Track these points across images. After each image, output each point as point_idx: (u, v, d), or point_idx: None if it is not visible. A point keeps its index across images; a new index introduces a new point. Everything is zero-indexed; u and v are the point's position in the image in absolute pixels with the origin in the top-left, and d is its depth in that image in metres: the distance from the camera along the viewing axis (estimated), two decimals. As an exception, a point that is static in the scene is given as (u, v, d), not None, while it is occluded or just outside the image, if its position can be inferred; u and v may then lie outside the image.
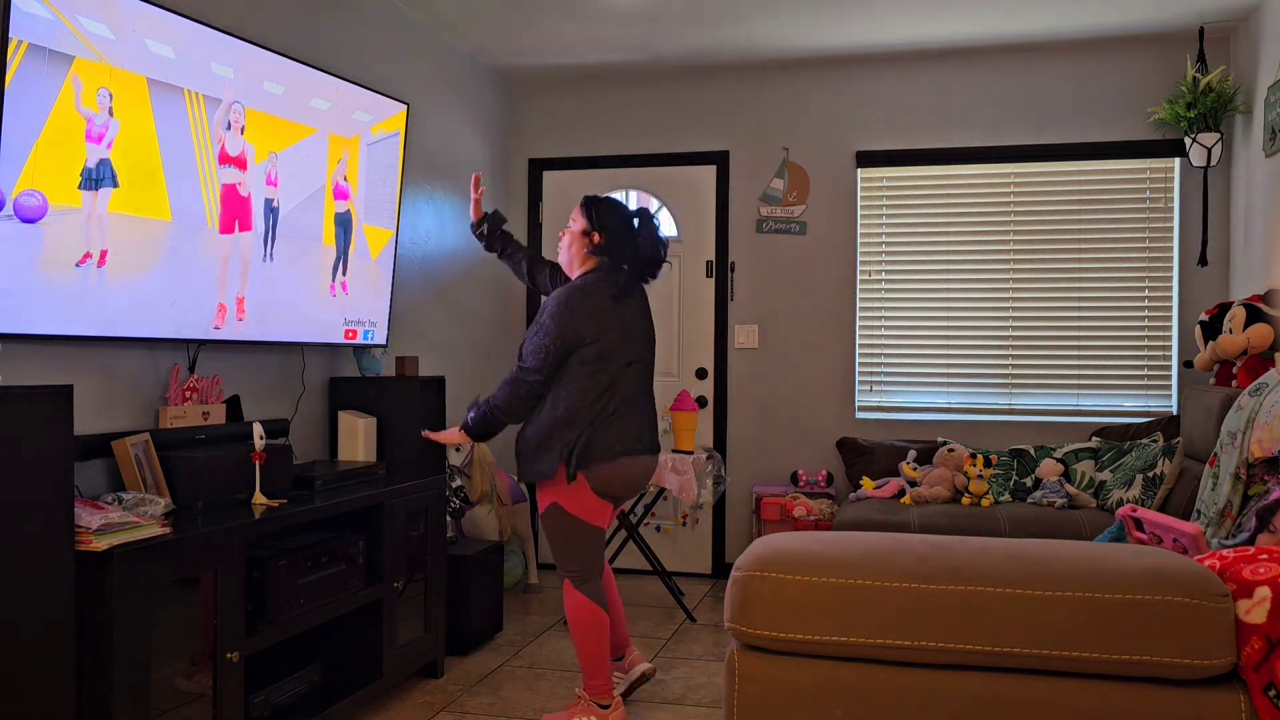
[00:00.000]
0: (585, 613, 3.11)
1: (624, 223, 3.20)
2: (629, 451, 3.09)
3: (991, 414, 5.04)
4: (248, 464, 2.94)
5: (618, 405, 3.09)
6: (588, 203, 3.22)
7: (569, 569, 3.14)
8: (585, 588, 3.13)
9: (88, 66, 2.58)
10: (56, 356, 2.71)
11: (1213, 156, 4.50)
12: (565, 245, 3.25)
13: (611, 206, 3.21)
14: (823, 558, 1.76)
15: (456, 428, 3.26)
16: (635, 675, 3.37)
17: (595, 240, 3.18)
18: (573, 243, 3.23)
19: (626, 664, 3.39)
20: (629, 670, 3.38)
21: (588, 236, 3.19)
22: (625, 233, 3.19)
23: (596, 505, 3.11)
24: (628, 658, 3.40)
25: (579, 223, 3.22)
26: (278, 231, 3.32)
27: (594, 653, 3.12)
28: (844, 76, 5.20)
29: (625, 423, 3.10)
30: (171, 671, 2.44)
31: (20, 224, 2.45)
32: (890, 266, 5.17)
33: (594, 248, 3.18)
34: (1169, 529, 2.21)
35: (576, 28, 4.70)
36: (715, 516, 5.37)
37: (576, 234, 3.22)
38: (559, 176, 5.58)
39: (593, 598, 3.13)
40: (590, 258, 3.20)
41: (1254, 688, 1.59)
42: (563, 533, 3.11)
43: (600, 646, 3.13)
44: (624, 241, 3.19)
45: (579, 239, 3.21)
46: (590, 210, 3.20)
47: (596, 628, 3.12)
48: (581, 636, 3.12)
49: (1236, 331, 3.90)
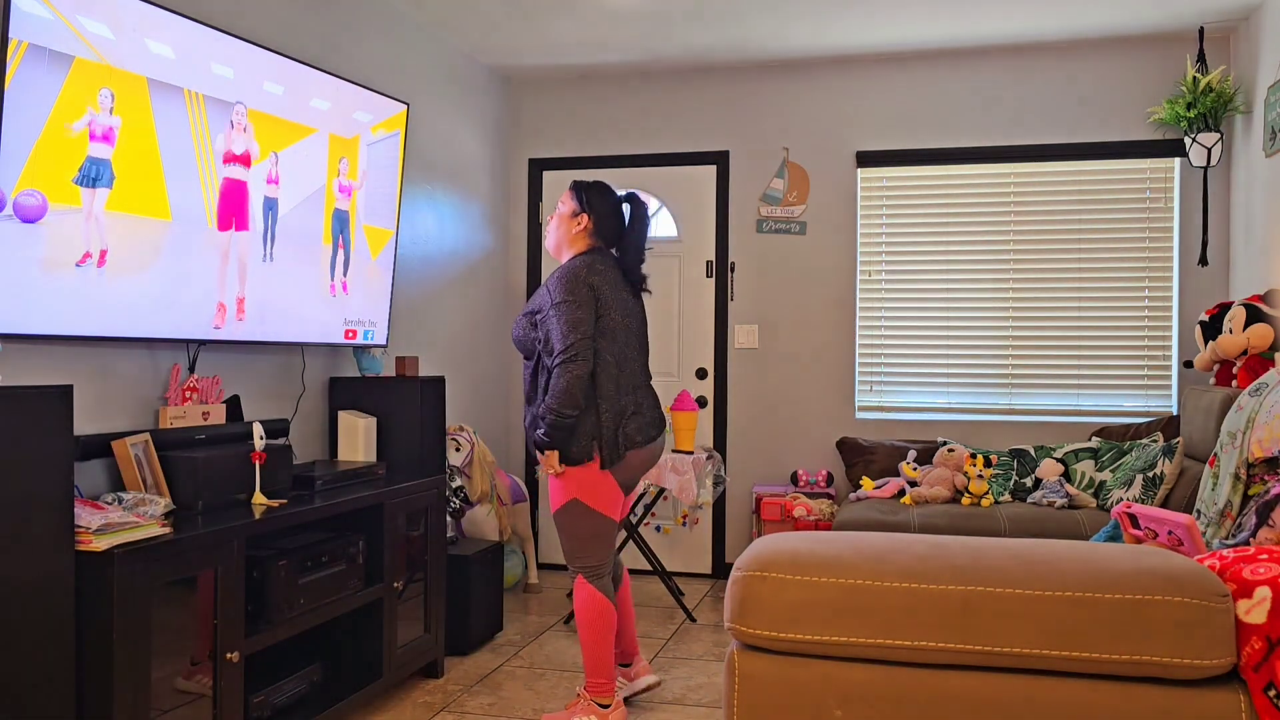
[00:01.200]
0: (597, 608, 3.12)
1: (613, 206, 3.23)
2: (649, 438, 3.17)
3: (991, 414, 5.04)
4: (248, 464, 2.94)
5: (633, 386, 3.14)
6: (577, 186, 3.24)
7: (584, 564, 3.14)
8: (598, 583, 3.14)
9: (88, 66, 2.58)
10: (56, 356, 2.71)
11: (1213, 156, 4.50)
12: (553, 228, 3.27)
13: (600, 189, 3.24)
14: (823, 558, 1.76)
15: (545, 456, 3.09)
16: (640, 686, 3.37)
17: (584, 223, 3.20)
18: (560, 224, 3.24)
19: (633, 673, 3.39)
20: (634, 680, 3.38)
21: (576, 219, 3.21)
22: (614, 216, 3.22)
23: (616, 496, 3.14)
24: (635, 666, 3.40)
25: (568, 205, 3.23)
26: (277, 231, 3.32)
27: (599, 650, 3.12)
28: (844, 76, 5.20)
29: (641, 406, 3.16)
30: (171, 671, 2.44)
31: (20, 224, 2.45)
32: (890, 266, 5.17)
33: (582, 230, 3.20)
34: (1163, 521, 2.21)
35: (576, 28, 4.70)
36: (715, 516, 5.37)
37: (565, 215, 3.23)
38: (559, 176, 5.58)
39: (605, 593, 3.14)
40: (579, 240, 3.22)
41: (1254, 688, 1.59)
42: (581, 528, 3.12)
43: (606, 644, 3.13)
44: (613, 225, 3.22)
45: (567, 220, 3.22)
46: (581, 194, 3.22)
47: (606, 625, 3.12)
48: (589, 633, 3.12)
49: (1236, 331, 3.90)
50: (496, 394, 5.45)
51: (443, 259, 4.83)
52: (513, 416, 5.62)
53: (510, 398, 5.61)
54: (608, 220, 3.21)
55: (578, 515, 3.11)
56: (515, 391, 5.62)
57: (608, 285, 3.11)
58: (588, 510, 3.10)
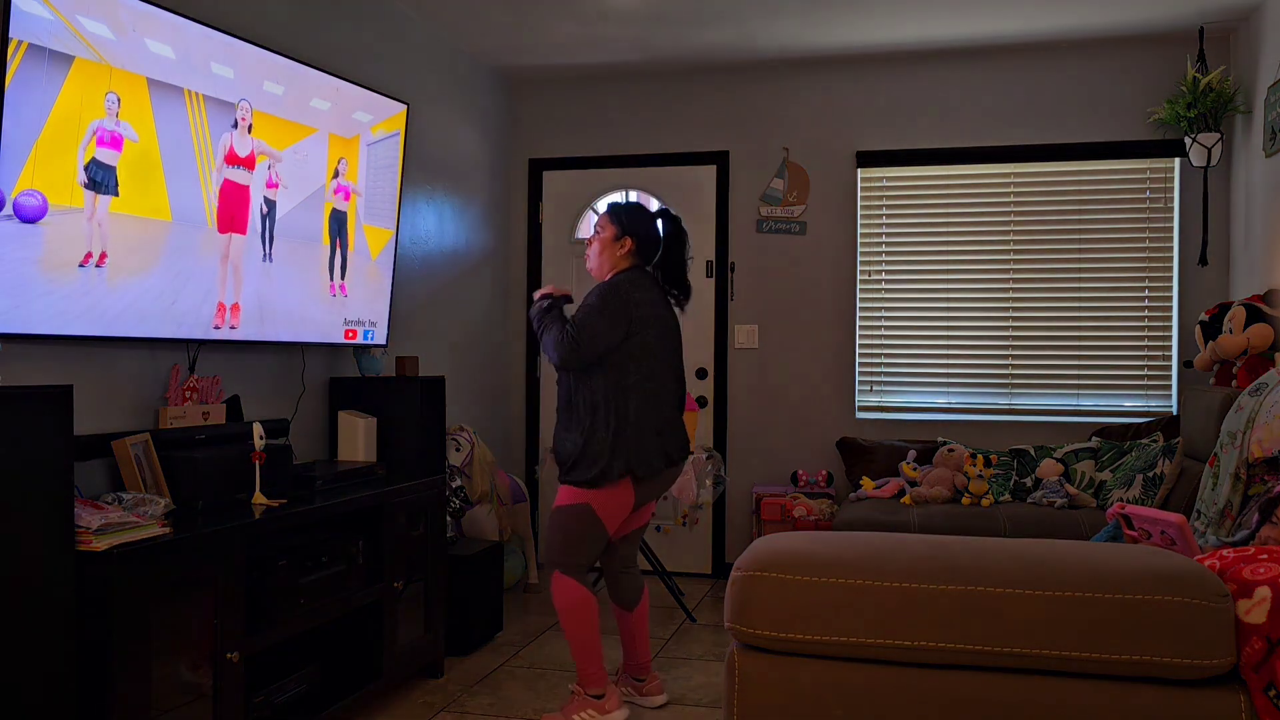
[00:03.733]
0: (575, 597, 3.16)
1: (651, 226, 3.30)
2: (671, 462, 3.23)
3: (991, 414, 5.04)
4: (248, 464, 2.94)
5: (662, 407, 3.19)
6: (613, 209, 3.31)
7: (567, 561, 3.18)
8: (575, 574, 3.18)
9: (88, 66, 2.58)
10: (56, 356, 2.71)
11: (1213, 156, 4.50)
12: (595, 253, 3.32)
13: (637, 211, 3.31)
14: (823, 558, 1.76)
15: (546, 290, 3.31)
16: (648, 705, 3.39)
17: (628, 246, 3.26)
18: (604, 249, 3.29)
19: (644, 689, 3.40)
20: (644, 695, 3.39)
21: (619, 243, 3.27)
22: (653, 235, 3.30)
23: (624, 509, 3.18)
24: (649, 682, 3.41)
25: (607, 229, 3.29)
26: (277, 231, 3.32)
27: (584, 637, 3.16)
28: (844, 76, 5.20)
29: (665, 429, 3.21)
30: (172, 671, 2.43)
31: (20, 224, 2.45)
32: (890, 266, 5.17)
33: (626, 252, 3.27)
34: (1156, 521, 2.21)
35: (576, 28, 4.70)
36: (715, 516, 5.37)
37: (607, 240, 3.29)
38: (559, 176, 5.58)
39: (582, 582, 3.18)
40: (623, 262, 3.28)
41: (1254, 688, 1.59)
42: (579, 531, 3.15)
43: (590, 631, 3.17)
44: (653, 244, 3.30)
45: (610, 245, 3.29)
46: (619, 217, 3.28)
47: (585, 612, 3.16)
48: (571, 621, 3.16)
49: (1236, 331, 3.90)
50: (496, 394, 5.45)
51: (443, 259, 4.83)
52: (513, 416, 5.62)
53: (510, 398, 5.61)
54: (648, 239, 3.29)
55: (582, 518, 3.14)
56: (515, 392, 5.62)
57: (647, 304, 3.18)
58: (594, 518, 3.15)
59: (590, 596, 3.18)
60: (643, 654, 3.39)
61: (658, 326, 3.21)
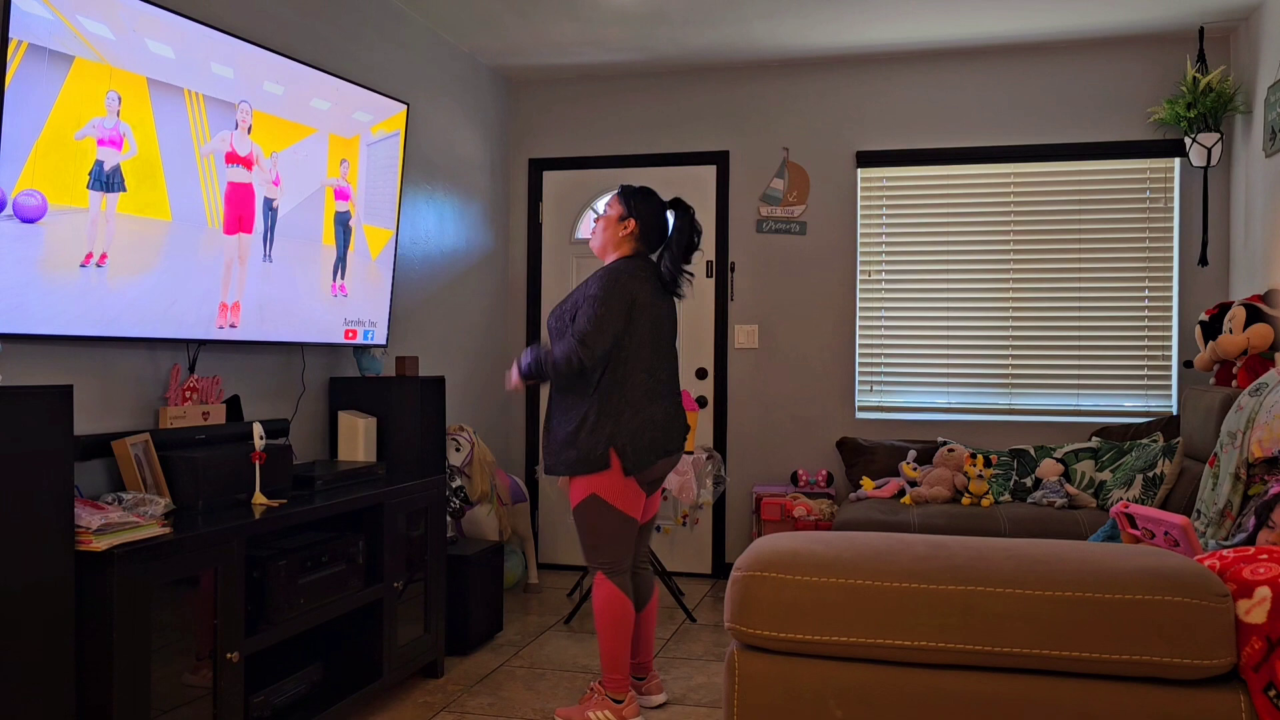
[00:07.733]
0: (616, 606, 3.15)
1: (657, 213, 3.30)
2: (669, 451, 3.21)
3: (991, 414, 5.04)
4: (248, 464, 2.94)
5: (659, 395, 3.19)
6: (624, 191, 3.32)
7: (602, 560, 3.17)
8: (617, 579, 3.17)
9: (88, 66, 2.58)
10: (56, 356, 2.71)
11: (1213, 156, 4.50)
12: (599, 230, 3.33)
13: (646, 195, 3.31)
14: (823, 558, 1.76)
15: (514, 369, 3.26)
16: (647, 703, 3.39)
17: (630, 227, 3.26)
18: (607, 227, 3.31)
19: (644, 688, 3.40)
20: (643, 694, 3.39)
21: (623, 223, 3.28)
22: (659, 222, 3.30)
23: (638, 497, 3.17)
24: (648, 681, 3.41)
25: (615, 209, 3.31)
26: (277, 231, 3.32)
27: (617, 647, 3.15)
28: (844, 76, 5.20)
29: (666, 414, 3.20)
30: (172, 671, 2.44)
31: (20, 224, 2.45)
32: (890, 266, 5.17)
33: (628, 234, 3.27)
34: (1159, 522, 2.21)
35: (576, 28, 4.70)
36: (715, 516, 5.37)
37: (612, 219, 3.30)
38: (559, 176, 5.58)
39: (624, 590, 3.17)
40: (625, 243, 3.29)
41: (1254, 688, 1.59)
42: (600, 524, 3.15)
43: (624, 641, 3.16)
44: (657, 231, 3.30)
45: (614, 224, 3.30)
46: (628, 199, 3.29)
47: (624, 622, 3.15)
48: (607, 630, 3.15)
49: (1236, 331, 3.90)
50: (496, 394, 5.45)
51: (443, 259, 4.83)
52: (513, 416, 5.62)
53: (510, 398, 5.61)
54: (653, 226, 3.29)
55: (597, 511, 3.14)
56: (515, 392, 5.61)
57: (645, 292, 3.18)
58: (607, 506, 3.14)
59: (629, 607, 3.17)
60: (646, 653, 3.39)
61: (652, 314, 3.21)
